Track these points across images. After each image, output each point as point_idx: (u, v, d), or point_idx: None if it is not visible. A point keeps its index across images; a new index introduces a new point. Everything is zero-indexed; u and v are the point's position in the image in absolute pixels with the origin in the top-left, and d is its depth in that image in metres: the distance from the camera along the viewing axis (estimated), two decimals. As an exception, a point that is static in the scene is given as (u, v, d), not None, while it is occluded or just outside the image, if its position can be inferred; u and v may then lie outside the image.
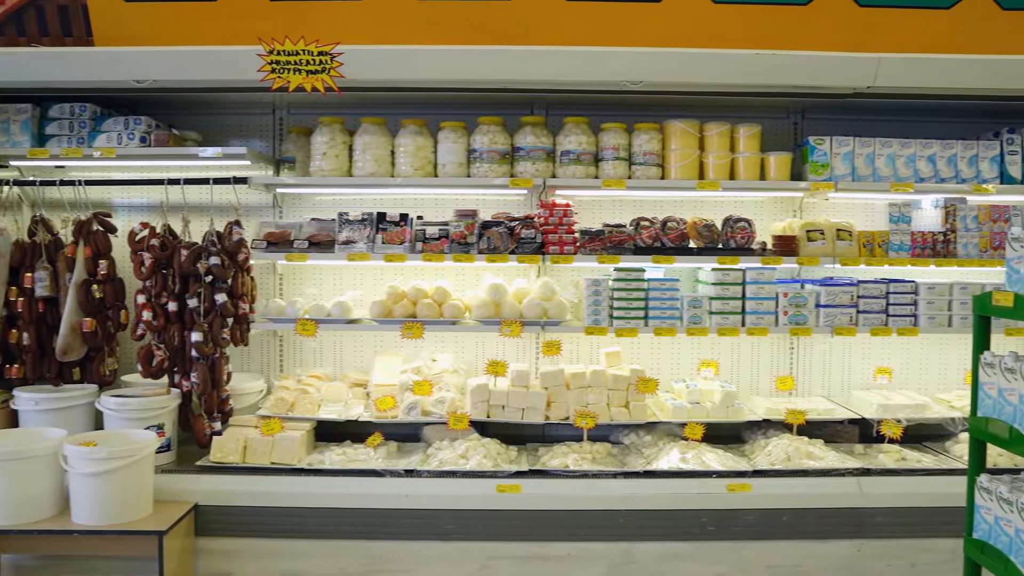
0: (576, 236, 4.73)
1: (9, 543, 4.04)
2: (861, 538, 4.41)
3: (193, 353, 4.56)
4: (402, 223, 4.81)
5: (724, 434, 4.97)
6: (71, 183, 4.85)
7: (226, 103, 5.17)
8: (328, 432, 4.88)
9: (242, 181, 4.78)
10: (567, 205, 4.76)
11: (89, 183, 4.90)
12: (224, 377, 4.71)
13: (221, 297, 4.57)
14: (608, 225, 4.83)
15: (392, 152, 4.89)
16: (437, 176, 4.88)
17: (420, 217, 4.93)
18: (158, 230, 4.67)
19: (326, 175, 4.84)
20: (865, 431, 4.99)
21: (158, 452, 4.39)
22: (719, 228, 4.86)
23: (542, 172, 4.83)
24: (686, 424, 4.66)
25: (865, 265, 4.88)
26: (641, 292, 4.77)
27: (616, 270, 4.81)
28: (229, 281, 4.62)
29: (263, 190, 5.15)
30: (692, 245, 4.84)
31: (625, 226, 4.85)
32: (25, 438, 4.25)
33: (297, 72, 4.48)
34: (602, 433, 4.96)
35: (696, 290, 5.13)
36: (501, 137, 4.84)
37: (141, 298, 4.62)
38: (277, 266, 5.26)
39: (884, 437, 4.77)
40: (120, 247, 4.90)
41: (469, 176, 4.85)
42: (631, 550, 4.36)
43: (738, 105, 5.11)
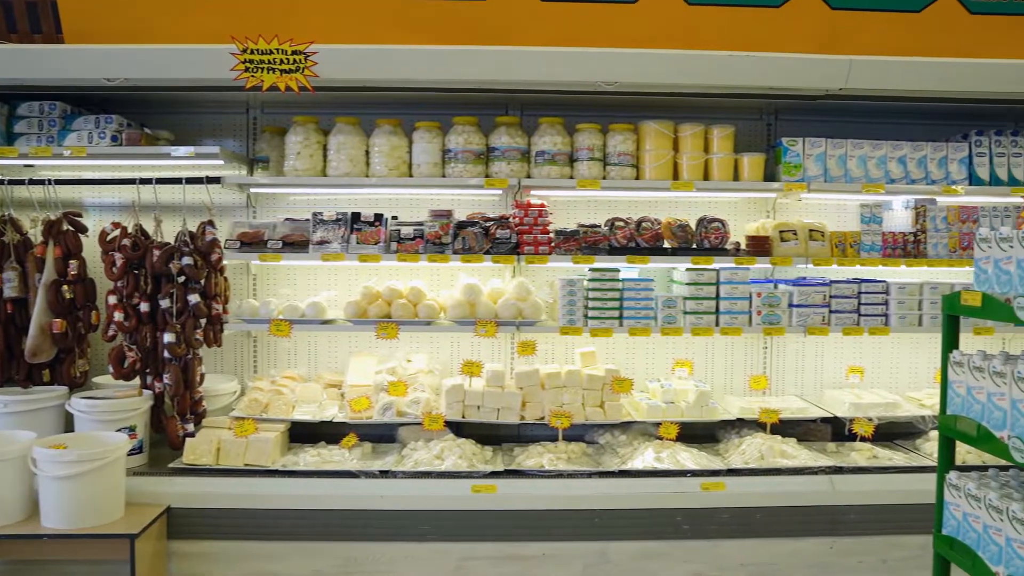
0: (551, 236, 4.74)
1: (-23, 548, 3.99)
2: (834, 535, 4.45)
3: (165, 354, 4.51)
4: (377, 223, 4.79)
5: (698, 433, 4.99)
6: (40, 182, 4.78)
7: (199, 102, 5.12)
8: (302, 433, 4.85)
9: (215, 181, 4.74)
10: (542, 205, 4.76)
11: (59, 182, 4.83)
12: (197, 378, 4.66)
13: (194, 298, 4.53)
14: (583, 225, 4.85)
15: (367, 152, 4.87)
16: (412, 176, 4.87)
17: (395, 217, 4.92)
18: (130, 230, 4.62)
19: (300, 175, 4.81)
20: (837, 429, 5.04)
21: (130, 454, 4.34)
22: (693, 228, 4.89)
23: (517, 172, 4.84)
24: (661, 424, 4.68)
25: (837, 265, 4.93)
26: (616, 292, 4.79)
27: (591, 270, 4.82)
28: (202, 281, 4.58)
29: (236, 190, 5.11)
30: (666, 245, 4.87)
31: (600, 226, 4.86)
32: (-7, 441, 4.19)
33: (271, 71, 4.45)
34: (577, 433, 4.97)
35: (670, 290, 5.16)
36: (476, 137, 4.84)
37: (112, 299, 4.56)
38: (251, 266, 5.23)
39: (856, 435, 4.82)
40: (91, 247, 4.85)
41: (444, 176, 4.84)
42: (606, 549, 4.37)
43: (712, 106, 5.14)
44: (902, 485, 4.49)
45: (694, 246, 4.86)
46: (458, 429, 4.84)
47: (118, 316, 4.51)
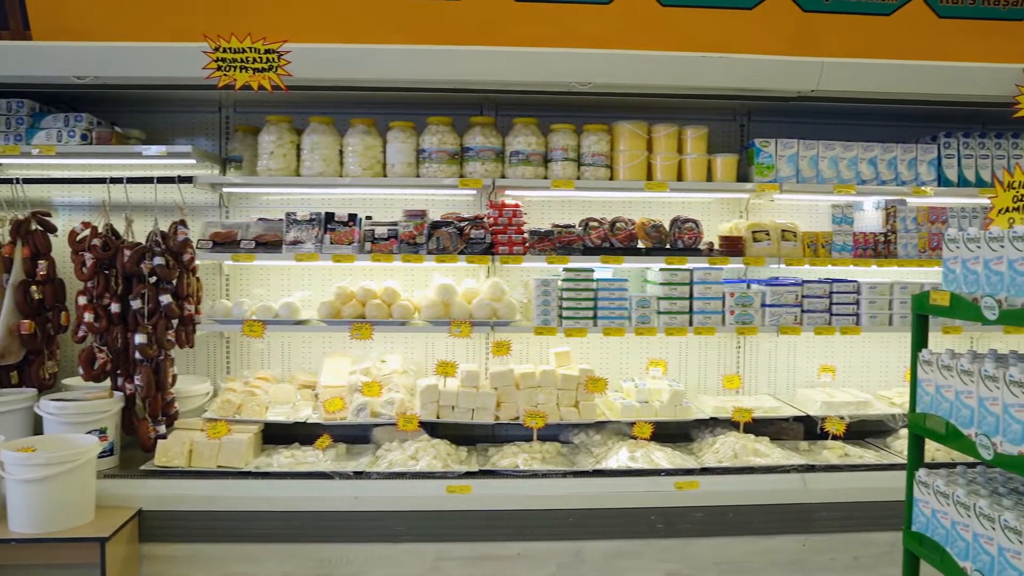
0: (525, 236, 4.74)
1: (-57, 553, 3.93)
2: (806, 533, 4.48)
3: (137, 355, 4.47)
4: (351, 223, 4.77)
5: (673, 432, 5.01)
6: (8, 181, 4.72)
7: (171, 100, 5.08)
8: (276, 434, 4.82)
9: (187, 180, 4.70)
10: (516, 205, 4.77)
11: (27, 181, 4.77)
12: (169, 379, 4.63)
13: (166, 298, 4.49)
14: (557, 225, 4.85)
15: (340, 152, 4.85)
16: (386, 176, 4.85)
17: (369, 217, 4.90)
18: (100, 230, 4.57)
19: (273, 174, 4.79)
20: (810, 428, 5.09)
21: (100, 457, 4.30)
22: (667, 229, 4.91)
23: (491, 172, 4.84)
24: (635, 423, 4.70)
25: (809, 265, 4.98)
26: (590, 292, 4.80)
27: (565, 270, 4.83)
28: (174, 282, 4.55)
29: (209, 189, 5.07)
30: (640, 245, 4.89)
31: (574, 226, 4.87)
32: (-40, 444, 4.13)
33: (244, 70, 4.42)
34: (552, 433, 4.97)
35: (644, 290, 5.18)
36: (450, 137, 4.83)
37: (82, 299, 4.52)
38: (223, 266, 5.19)
39: (828, 434, 4.87)
40: (60, 247, 4.79)
41: (418, 176, 4.83)
42: (581, 549, 4.38)
43: (686, 107, 5.17)
44: (873, 483, 4.53)
45: (668, 246, 4.88)
46: (432, 429, 4.83)
47: (88, 317, 4.46)
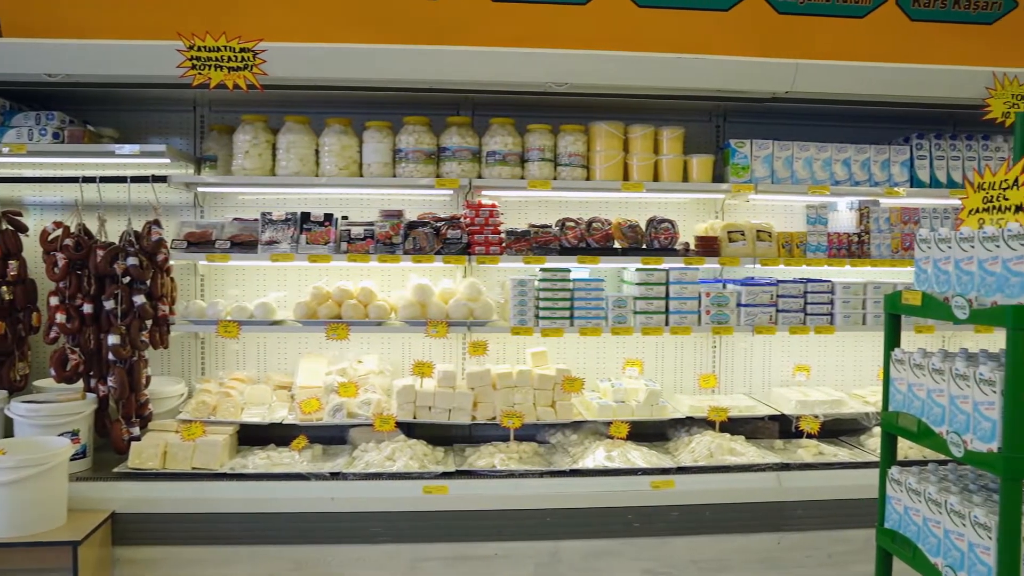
0: (502, 237, 4.75)
1: (-89, 557, 3.87)
2: (781, 531, 4.52)
3: (110, 356, 4.43)
4: (327, 223, 4.75)
5: (649, 432, 5.03)
6: (-21, 181, 4.67)
7: (145, 99, 5.02)
8: (252, 436, 4.79)
9: (161, 180, 4.66)
10: (493, 206, 4.77)
11: (-2, 181, 4.73)
12: (143, 381, 4.59)
13: (139, 298, 4.45)
14: (534, 225, 4.86)
15: (316, 151, 4.83)
16: (362, 176, 4.84)
17: (345, 217, 4.88)
18: (72, 229, 4.52)
19: (249, 174, 4.76)
20: (785, 427, 5.13)
21: (73, 459, 4.26)
22: (643, 229, 4.93)
23: (468, 172, 4.83)
24: (612, 423, 4.71)
25: (784, 265, 5.02)
26: (567, 292, 4.81)
27: (542, 270, 4.84)
28: (148, 282, 4.51)
29: (183, 189, 5.03)
30: (617, 245, 4.90)
31: (551, 227, 4.88)
32: (-71, 447, 4.07)
33: (218, 69, 4.39)
34: (529, 433, 4.97)
35: (621, 290, 5.20)
36: (427, 137, 4.82)
37: (54, 300, 4.47)
38: (198, 267, 5.15)
39: (803, 432, 4.91)
40: (32, 247, 4.74)
41: (395, 176, 4.82)
42: (558, 548, 4.39)
43: (662, 108, 5.19)
44: (847, 481, 4.57)
45: (644, 246, 4.90)
46: (409, 430, 4.82)
47: (60, 318, 4.41)
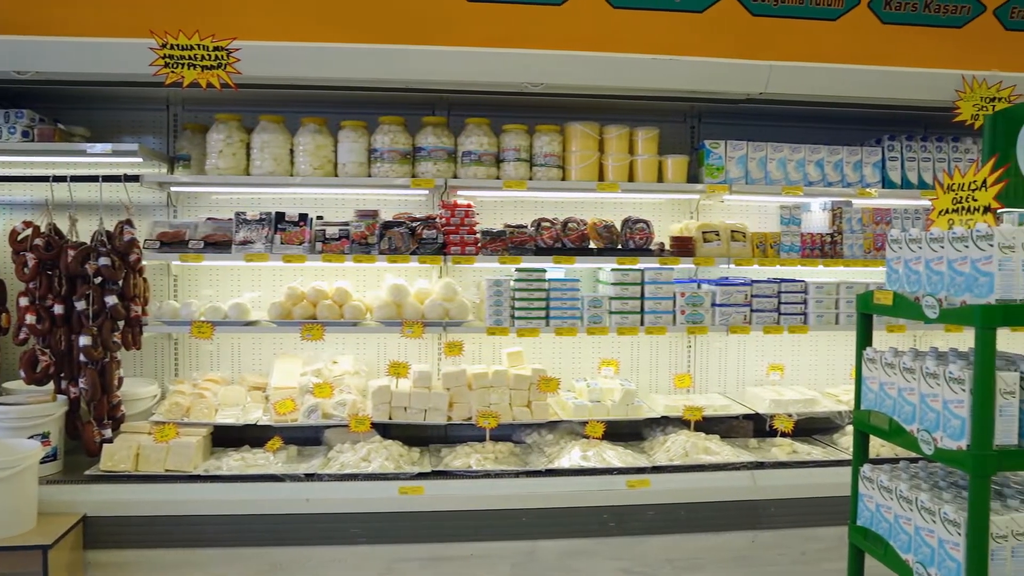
0: (478, 237, 4.75)
1: None
2: (755, 529, 4.55)
3: (81, 357, 4.38)
4: (301, 223, 4.73)
5: (624, 431, 5.05)
6: (-54, 179, 4.60)
7: (117, 97, 4.97)
8: (226, 437, 4.76)
9: (134, 179, 4.61)
10: (469, 206, 4.77)
11: (-34, 180, 4.66)
12: (115, 382, 4.54)
13: (111, 299, 4.41)
14: (509, 226, 4.86)
15: (291, 151, 4.81)
16: (337, 176, 4.82)
17: (320, 217, 4.86)
18: (43, 229, 4.47)
19: (223, 173, 4.72)
20: (759, 426, 5.16)
21: (43, 462, 4.21)
22: (619, 229, 4.95)
23: (444, 172, 4.83)
24: (587, 422, 4.73)
25: (758, 265, 5.05)
26: (542, 292, 4.82)
27: (517, 270, 4.84)
28: (120, 283, 4.46)
29: (156, 188, 4.98)
30: (592, 246, 4.92)
31: (526, 227, 4.89)
32: None
33: (192, 67, 4.36)
34: (505, 433, 4.98)
35: (596, 290, 5.21)
36: (402, 137, 4.81)
37: (24, 300, 4.41)
38: (171, 267, 5.10)
39: (777, 431, 4.94)
40: (0, 247, 4.68)
41: (370, 176, 4.81)
42: (534, 548, 4.39)
43: (637, 108, 5.21)
44: (820, 479, 4.61)
45: (619, 246, 4.92)
46: (385, 430, 4.80)
47: (30, 319, 4.36)
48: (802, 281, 5.11)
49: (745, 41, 5.24)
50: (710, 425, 5.04)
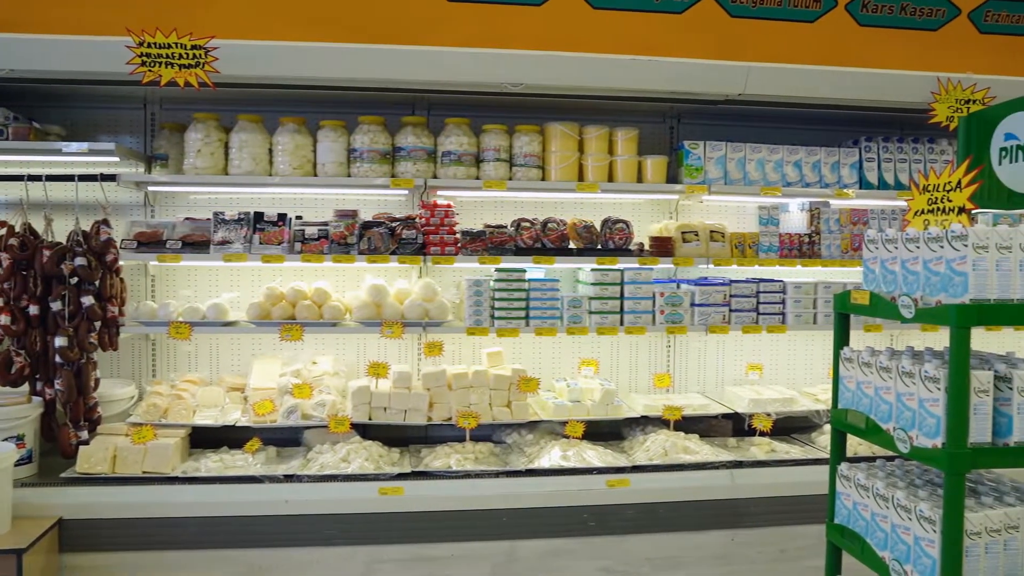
0: (457, 237, 4.74)
1: None
2: (734, 528, 4.57)
3: (57, 359, 4.34)
4: (280, 223, 4.71)
5: (604, 431, 5.06)
6: (-81, 179, 4.54)
7: (93, 96, 4.93)
8: (204, 438, 4.72)
9: (110, 178, 4.58)
10: (448, 206, 4.76)
11: (-61, 179, 4.60)
12: (91, 383, 4.50)
13: (88, 299, 4.37)
14: (489, 226, 4.86)
15: (270, 150, 4.78)
16: (316, 176, 4.80)
17: (299, 217, 4.84)
18: (18, 229, 4.43)
19: (200, 173, 4.69)
20: (738, 425, 5.19)
21: (18, 464, 4.16)
22: (598, 229, 4.96)
23: (423, 172, 4.82)
24: (567, 422, 4.73)
25: (737, 265, 5.08)
26: (522, 292, 4.82)
27: (497, 271, 4.84)
28: (96, 283, 4.43)
29: (133, 188, 4.94)
30: (572, 246, 4.92)
31: (506, 227, 4.89)
32: None
33: (169, 66, 4.33)
34: (485, 433, 4.98)
35: (576, 290, 5.22)
36: (382, 137, 4.80)
37: (-1, 301, 4.37)
38: (149, 267, 5.06)
39: (756, 430, 4.97)
40: (-25, 247, 4.61)
41: (349, 176, 4.80)
42: (514, 548, 4.39)
43: (617, 109, 5.23)
44: (798, 477, 4.64)
45: (599, 247, 4.93)
46: (365, 431, 4.79)
47: (5, 319, 4.32)
48: (780, 281, 5.14)
49: (724, 42, 5.26)
50: (689, 424, 5.06)
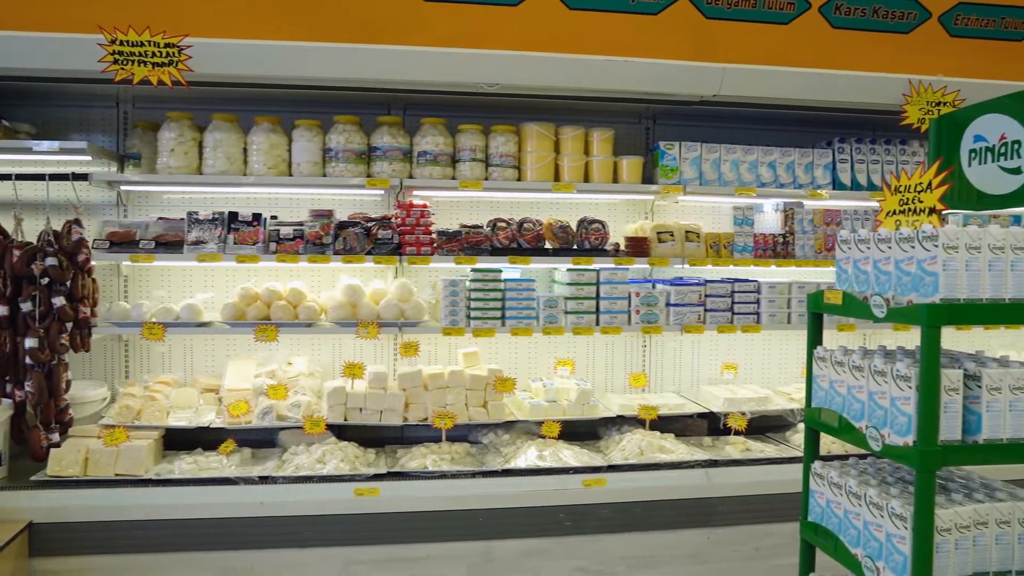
0: (433, 237, 4.73)
1: None
2: (710, 526, 4.60)
3: (27, 360, 4.28)
4: (255, 223, 4.68)
5: (580, 431, 5.08)
6: None
7: (65, 94, 4.87)
8: (178, 440, 4.69)
9: (82, 178, 4.53)
10: (424, 206, 4.75)
11: (-94, 178, 4.52)
12: (63, 385, 4.45)
13: (59, 300, 4.31)
14: (465, 226, 4.86)
15: (245, 150, 4.75)
16: (292, 175, 4.78)
17: (274, 217, 4.82)
18: (-13, 229, 4.37)
19: (174, 172, 4.65)
20: (713, 424, 5.23)
21: (-13, 467, 4.11)
22: (574, 229, 4.97)
23: (399, 172, 4.81)
24: (543, 422, 4.74)
25: (712, 265, 5.12)
26: (498, 292, 4.82)
27: (473, 271, 4.84)
28: (68, 283, 4.37)
29: (106, 187, 4.89)
30: (548, 246, 4.93)
31: (482, 227, 4.89)
32: None
33: (142, 64, 4.29)
34: (461, 433, 4.97)
35: (552, 290, 5.23)
36: (357, 136, 4.78)
37: (-33, 302, 4.30)
38: (121, 267, 5.01)
39: (731, 429, 5.00)
40: (-57, 247, 4.54)
41: (325, 176, 4.77)
42: (491, 549, 4.39)
43: (592, 109, 5.24)
44: (773, 476, 4.68)
45: (575, 247, 4.94)
46: (340, 432, 4.77)
47: (-26, 320, 4.26)
48: (755, 281, 5.17)
49: (699, 43, 5.28)
50: (665, 424, 5.09)
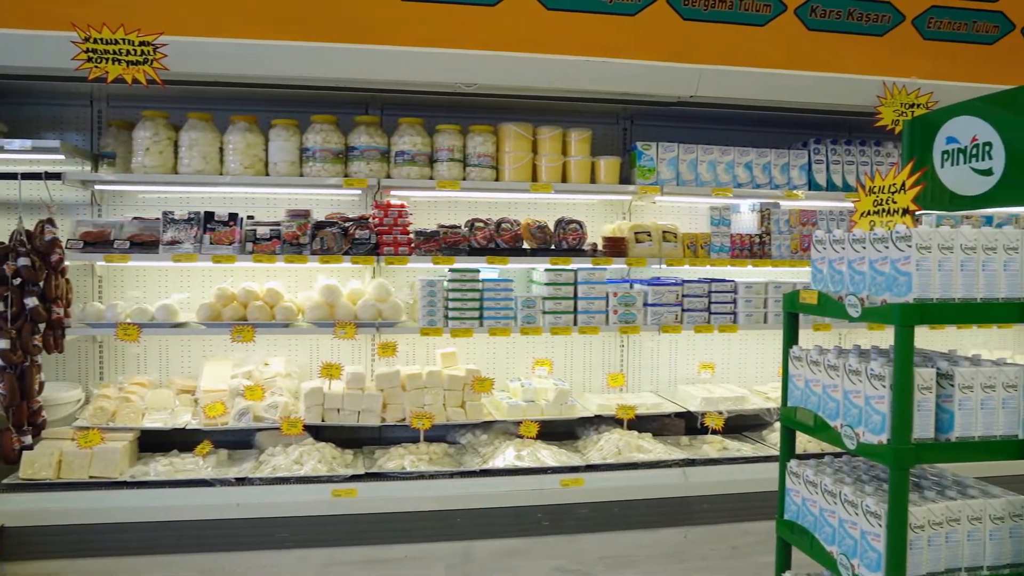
0: (411, 237, 4.73)
1: None
2: (687, 525, 4.63)
3: (-1, 362, 4.23)
4: (231, 223, 4.65)
5: (558, 431, 5.09)
6: None
7: (37, 92, 4.82)
8: (154, 442, 4.66)
9: (55, 177, 4.48)
10: (402, 206, 4.74)
11: None
12: (35, 387, 4.39)
13: (31, 301, 4.26)
14: (443, 226, 4.86)
15: (221, 149, 4.72)
16: (268, 175, 4.75)
17: (251, 217, 4.78)
18: (-42, 229, 4.31)
19: (149, 172, 4.62)
20: (691, 423, 5.25)
21: (-42, 470, 4.06)
22: (552, 229, 4.98)
23: (377, 172, 4.80)
24: (521, 422, 4.75)
25: (689, 265, 5.14)
26: (476, 293, 4.82)
27: (451, 271, 4.84)
28: (41, 284, 4.32)
29: (79, 187, 4.84)
30: (526, 246, 4.94)
31: (460, 227, 4.88)
32: None
33: (116, 62, 4.25)
34: (439, 433, 4.97)
35: (530, 290, 5.23)
36: (335, 136, 4.76)
37: (-62, 303, 4.24)
38: (96, 268, 4.96)
39: (708, 428, 5.03)
40: (-87, 247, 4.48)
41: (302, 175, 4.75)
42: (469, 549, 4.39)
43: (570, 110, 5.25)
44: (749, 475, 4.72)
45: (553, 247, 4.95)
46: (318, 433, 4.76)
47: (-56, 321, 4.20)
48: (732, 281, 5.20)
49: (676, 45, 5.30)
50: (643, 423, 5.11)
